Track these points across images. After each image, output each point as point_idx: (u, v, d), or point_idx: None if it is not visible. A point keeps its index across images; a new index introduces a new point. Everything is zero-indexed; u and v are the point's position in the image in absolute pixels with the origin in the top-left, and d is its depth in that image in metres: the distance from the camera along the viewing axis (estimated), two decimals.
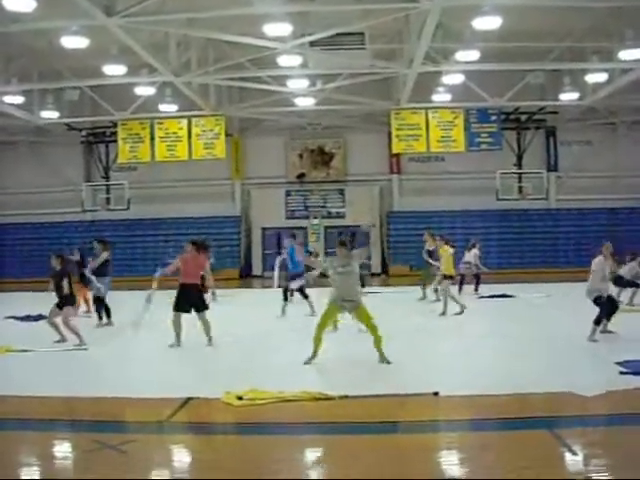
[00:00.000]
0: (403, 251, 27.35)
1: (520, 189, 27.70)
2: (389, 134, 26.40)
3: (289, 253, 14.65)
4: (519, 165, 28.40)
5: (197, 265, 11.14)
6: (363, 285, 16.99)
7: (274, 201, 29.10)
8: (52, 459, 5.67)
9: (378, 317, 13.40)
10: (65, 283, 11.04)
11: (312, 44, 18.06)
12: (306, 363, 8.94)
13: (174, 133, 25.90)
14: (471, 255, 18.42)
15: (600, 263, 10.78)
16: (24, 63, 21.36)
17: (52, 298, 11.24)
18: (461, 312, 14.10)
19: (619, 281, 14.86)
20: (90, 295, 14.50)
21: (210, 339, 10.73)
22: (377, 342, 8.97)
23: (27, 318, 14.57)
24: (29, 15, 14.44)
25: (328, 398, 7.10)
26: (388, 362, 8.87)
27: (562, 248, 27.66)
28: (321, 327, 9.14)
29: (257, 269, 28.98)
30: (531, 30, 19.35)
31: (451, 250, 14.64)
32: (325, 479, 5.22)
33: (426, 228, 18.45)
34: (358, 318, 9.31)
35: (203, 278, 12.16)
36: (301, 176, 29.37)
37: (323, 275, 10.31)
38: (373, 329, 9.02)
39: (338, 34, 17.67)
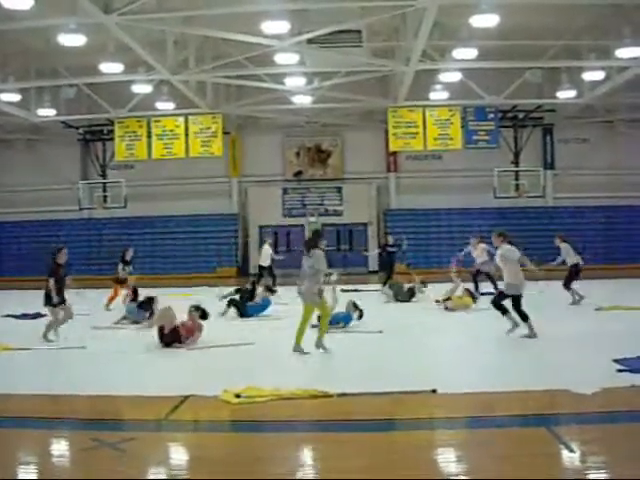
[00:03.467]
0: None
1: (517, 187, 27.72)
2: (386, 132, 26.43)
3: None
4: (516, 163, 28.43)
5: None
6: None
7: (271, 199, 29.11)
8: (50, 457, 5.66)
9: (376, 314, 13.49)
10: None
11: (309, 42, 18.05)
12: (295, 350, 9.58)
13: (171, 131, 25.87)
14: (481, 251, 17.75)
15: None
16: (21, 61, 21.33)
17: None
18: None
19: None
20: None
21: None
22: (299, 332, 9.68)
23: (24, 316, 14.57)
24: (26, 13, 14.42)
25: (326, 396, 7.10)
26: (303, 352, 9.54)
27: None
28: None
29: (254, 267, 28.94)
30: (528, 28, 19.35)
31: None
32: (323, 477, 5.22)
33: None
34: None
35: None
36: (298, 174, 29.38)
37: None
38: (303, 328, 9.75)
39: (335, 32, 17.65)
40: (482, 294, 16.97)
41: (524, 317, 10.34)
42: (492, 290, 17.95)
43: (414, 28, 17.19)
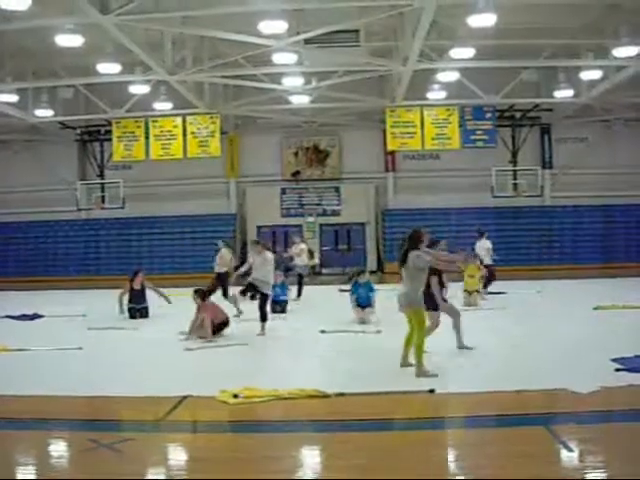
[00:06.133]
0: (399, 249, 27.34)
1: (515, 186, 27.74)
2: (384, 132, 26.39)
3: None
4: (514, 162, 28.45)
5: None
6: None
7: (269, 199, 29.09)
8: (47, 458, 5.65)
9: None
10: None
11: (307, 42, 18.05)
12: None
13: (169, 131, 25.80)
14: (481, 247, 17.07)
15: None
16: (18, 62, 21.27)
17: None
18: None
19: None
20: None
21: None
22: (416, 348, 8.24)
23: (22, 317, 14.55)
24: (24, 13, 14.37)
25: (324, 396, 7.10)
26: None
27: (557, 245, 27.72)
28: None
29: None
30: (526, 27, 19.34)
31: None
32: (320, 477, 5.22)
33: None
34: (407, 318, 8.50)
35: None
36: (296, 174, 29.37)
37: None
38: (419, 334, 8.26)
39: (333, 32, 17.64)
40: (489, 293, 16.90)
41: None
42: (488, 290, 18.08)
43: (412, 28, 17.17)
